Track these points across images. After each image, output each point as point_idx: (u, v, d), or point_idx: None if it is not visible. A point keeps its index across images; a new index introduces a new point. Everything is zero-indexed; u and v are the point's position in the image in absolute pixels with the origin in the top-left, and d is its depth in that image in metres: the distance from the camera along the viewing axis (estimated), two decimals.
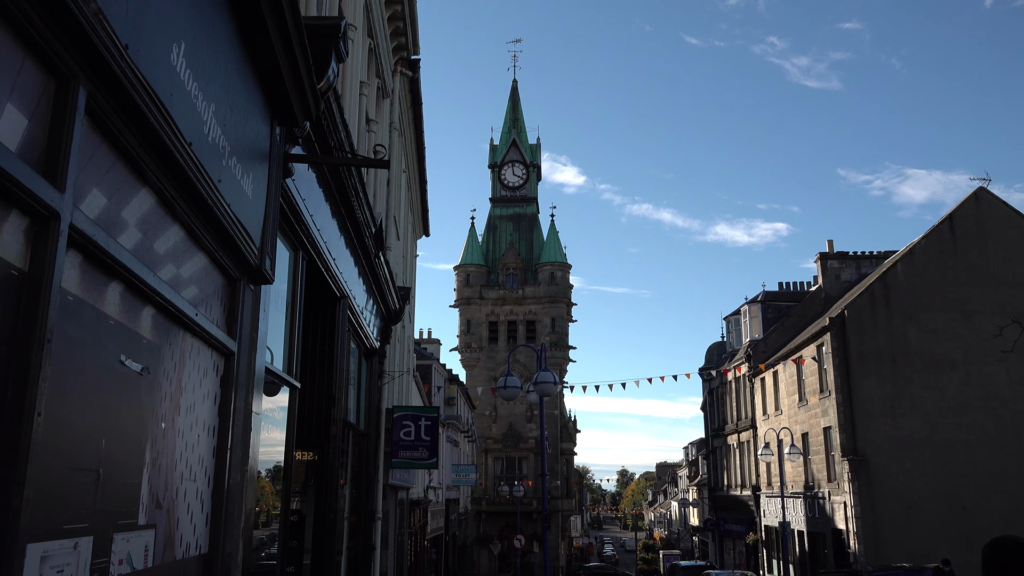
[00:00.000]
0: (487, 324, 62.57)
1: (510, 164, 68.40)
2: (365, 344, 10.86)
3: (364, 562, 10.77)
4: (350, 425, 9.86)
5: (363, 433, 10.99)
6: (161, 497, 2.96)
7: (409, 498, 19.94)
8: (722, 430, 45.17)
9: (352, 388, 10.36)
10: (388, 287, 10.91)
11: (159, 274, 2.96)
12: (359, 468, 10.89)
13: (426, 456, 11.49)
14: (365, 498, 10.96)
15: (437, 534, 31.97)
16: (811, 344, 31.23)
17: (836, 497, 28.92)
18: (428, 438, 11.53)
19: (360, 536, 10.77)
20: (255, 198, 3.95)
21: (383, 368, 11.76)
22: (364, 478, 10.98)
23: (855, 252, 40.34)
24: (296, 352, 6.28)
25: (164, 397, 3.00)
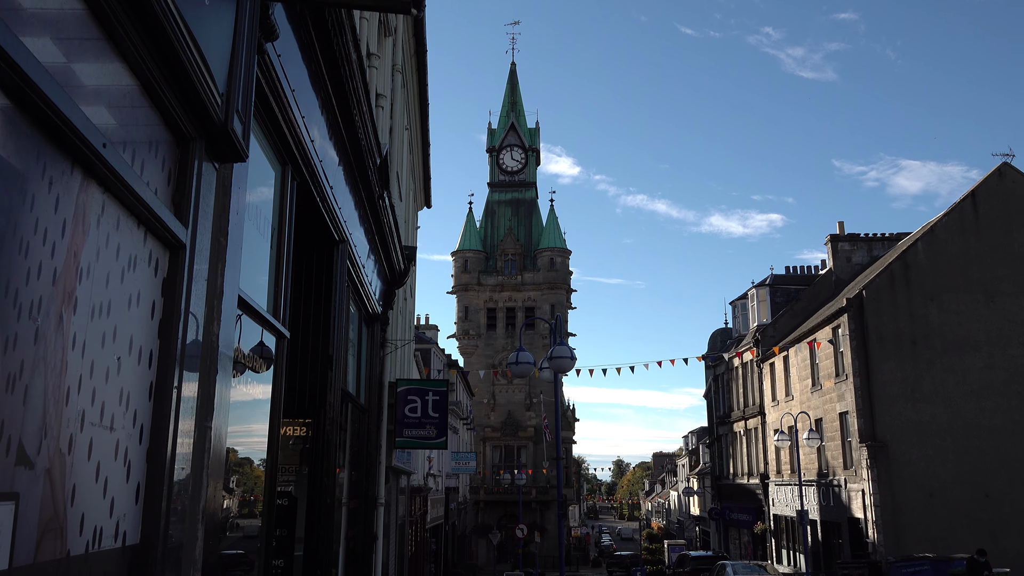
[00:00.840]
0: (485, 311, 61.39)
1: (508, 148, 67.09)
2: (366, 307, 9.57)
3: (364, 554, 9.52)
4: (349, 397, 8.58)
5: (363, 408, 9.72)
6: (32, 447, 1.68)
7: (411, 484, 18.69)
8: (728, 417, 44.03)
9: (352, 356, 9.09)
10: (392, 240, 9.62)
11: (39, 57, 1.69)
12: (359, 448, 9.62)
13: (434, 435, 10.23)
14: (366, 482, 9.70)
15: (437, 523, 30.78)
16: (826, 327, 30.03)
17: (853, 485, 27.77)
18: (436, 415, 10.27)
19: (360, 524, 9.51)
20: (219, 18, 2.66)
21: (385, 336, 10.47)
22: (365, 459, 9.72)
23: (866, 234, 39.17)
24: (285, 294, 4.99)
25: (37, 270, 1.73)
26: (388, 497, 12.98)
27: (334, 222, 6.47)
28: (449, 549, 39.63)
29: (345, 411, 8.89)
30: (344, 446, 9.08)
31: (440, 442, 10.29)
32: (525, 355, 14.17)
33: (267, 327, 4.61)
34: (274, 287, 4.87)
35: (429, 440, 10.21)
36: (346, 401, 8.76)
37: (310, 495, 6.39)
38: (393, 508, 14.37)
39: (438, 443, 10.28)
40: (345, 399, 8.56)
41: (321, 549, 6.33)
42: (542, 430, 56.42)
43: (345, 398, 8.49)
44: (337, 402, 6.73)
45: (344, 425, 8.56)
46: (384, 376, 10.37)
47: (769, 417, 37.73)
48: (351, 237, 7.14)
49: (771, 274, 42.36)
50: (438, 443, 10.28)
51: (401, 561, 16.69)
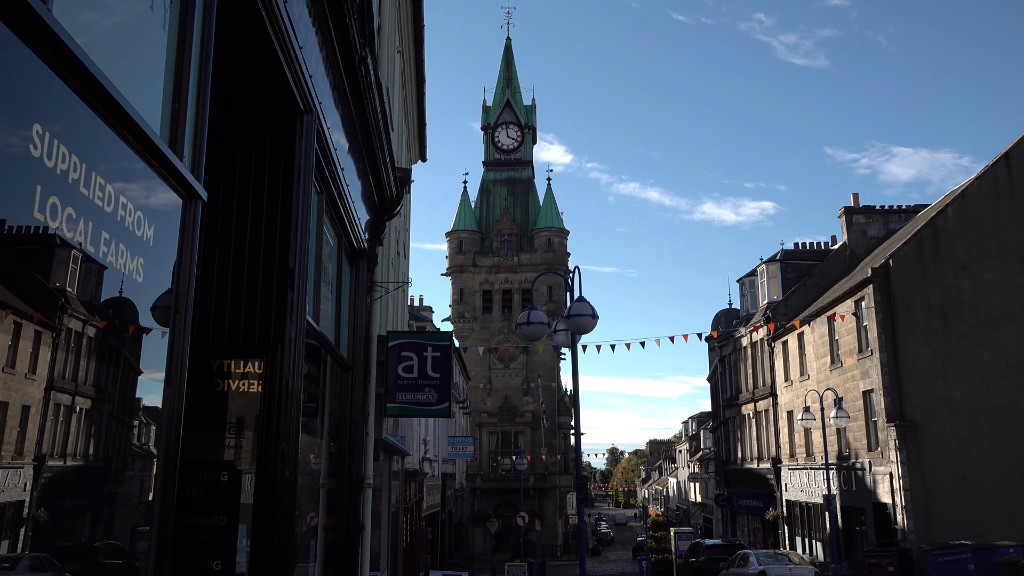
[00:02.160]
0: (481, 293, 59.56)
1: (504, 126, 65.06)
2: (348, 237, 7.59)
3: (349, 546, 7.56)
4: (327, 346, 6.61)
5: (346, 366, 7.74)
6: None
7: (405, 468, 16.74)
8: (735, 399, 42.19)
9: (329, 295, 7.10)
10: (379, 144, 7.61)
11: None
12: (341, 414, 7.65)
13: (434, 399, 8.24)
14: (350, 457, 7.73)
15: (433, 511, 28.88)
16: (848, 299, 28.13)
17: (879, 468, 25.95)
18: (437, 375, 8.29)
19: (343, 510, 7.55)
20: None
21: (374, 279, 8.47)
22: (348, 429, 7.75)
23: (882, 206, 37.32)
24: (198, 128, 2.99)
25: None
26: (378, 479, 11.01)
27: (295, 76, 4.46)
28: (446, 538, 37.77)
29: (323, 366, 6.93)
30: (322, 412, 7.13)
31: (442, 408, 8.31)
32: (537, 314, 12.18)
33: (154, 161, 2.61)
34: (176, 109, 2.87)
35: (428, 406, 8.23)
36: (324, 352, 6.80)
37: (259, 468, 4.41)
38: (385, 493, 12.42)
39: (439, 410, 8.29)
40: (322, 348, 6.59)
41: (276, 541, 4.36)
42: (540, 416, 54.61)
43: (322, 346, 6.52)
44: (300, 338, 4.73)
45: (319, 377, 6.59)
46: (372, 328, 8.38)
47: (781, 398, 35.90)
48: (321, 110, 5.12)
49: (781, 249, 40.45)
50: (439, 410, 8.29)
51: (395, 552, 14.76)
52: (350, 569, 7.55)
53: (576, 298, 11.76)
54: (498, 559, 42.23)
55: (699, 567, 25.63)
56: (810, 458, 32.17)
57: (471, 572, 26.33)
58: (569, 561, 55.32)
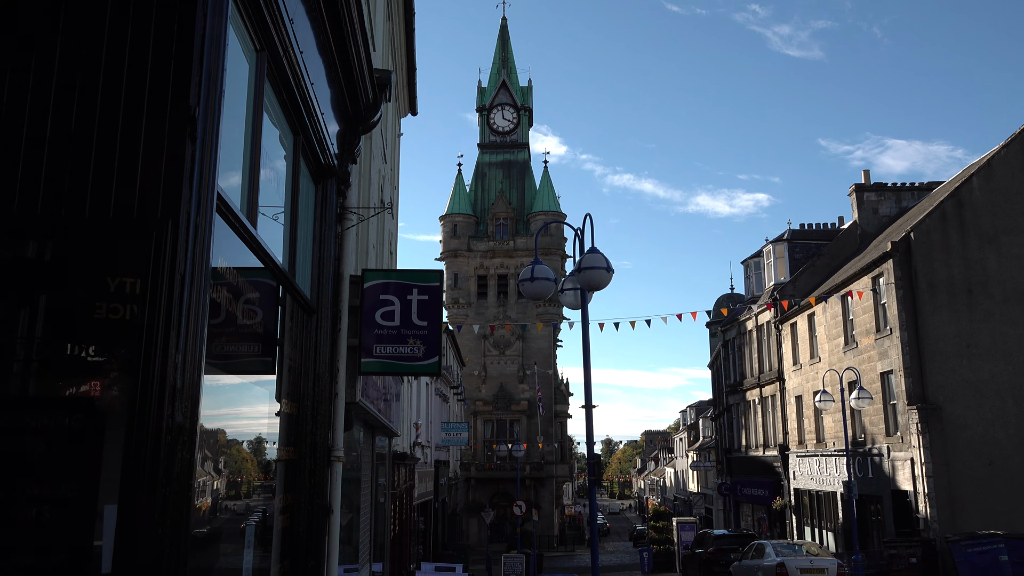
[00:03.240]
0: (475, 278, 58.05)
1: (500, 107, 63.37)
2: (311, 149, 5.98)
3: (311, 534, 5.96)
4: (278, 274, 5.00)
5: (309, 307, 6.13)
6: None
7: (393, 449, 15.14)
8: (739, 385, 40.70)
9: (282, 216, 5.50)
10: (352, 39, 5.98)
11: None
12: (303, 368, 6.05)
13: (421, 353, 6.58)
14: (313, 422, 6.12)
15: (425, 499, 27.31)
16: (865, 276, 26.58)
17: (898, 453, 24.46)
18: (424, 323, 6.63)
19: (304, 488, 5.95)
20: None
21: (346, 204, 6.84)
22: (312, 386, 6.14)
23: (894, 184, 35.79)
24: None
25: None
26: (353, 454, 9.39)
27: None
28: (439, 528, 36.24)
29: (277, 305, 5.34)
30: (279, 364, 5.55)
31: (430, 364, 6.66)
32: (543, 269, 10.57)
33: None
34: None
35: (414, 361, 6.58)
36: (279, 285, 5.19)
37: (130, 412, 2.80)
38: (368, 475, 10.82)
39: (426, 366, 6.64)
40: (275, 278, 4.98)
41: (157, 526, 2.74)
42: (536, 403, 53.15)
43: (273, 274, 4.90)
44: (207, 217, 3.11)
45: (272, 323, 4.99)
46: (344, 264, 6.75)
47: (789, 383, 34.42)
48: None
49: (788, 229, 38.88)
50: (426, 366, 6.64)
51: (380, 542, 13.18)
52: (312, 563, 5.95)
53: (588, 249, 10.16)
54: (493, 550, 40.77)
55: (707, 558, 24.15)
56: (821, 444, 30.70)
57: (465, 564, 24.79)
58: (565, 552, 53.95)
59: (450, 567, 18.88)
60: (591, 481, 10.39)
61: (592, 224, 10.65)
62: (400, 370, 6.68)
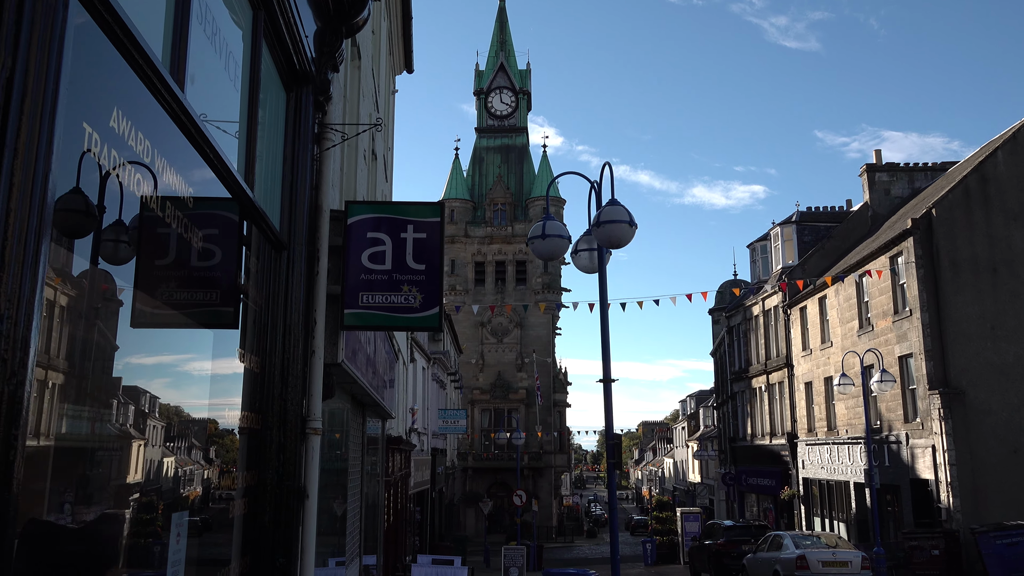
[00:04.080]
0: (473, 264, 56.84)
1: (497, 91, 61.96)
2: (285, 50, 4.74)
3: (279, 524, 4.74)
4: (236, 192, 3.78)
5: (278, 242, 4.90)
6: None
7: (388, 433, 13.92)
8: (745, 372, 39.53)
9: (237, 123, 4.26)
10: None
11: None
12: (270, 315, 4.82)
13: (417, 303, 5.31)
14: (283, 384, 4.90)
15: (422, 488, 26.13)
16: (882, 256, 25.38)
17: (918, 440, 23.33)
18: (421, 267, 5.37)
19: (270, 466, 4.73)
20: None
21: (326, 119, 5.60)
22: (282, 340, 4.91)
23: (906, 164, 34.61)
24: None
25: None
26: (345, 437, 8.16)
27: None
28: (436, 519, 35.09)
29: (238, 234, 4.14)
30: (240, 309, 4.35)
31: (428, 317, 5.41)
32: (555, 224, 9.36)
33: None
34: None
35: (409, 312, 5.32)
36: (241, 211, 3.98)
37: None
38: (359, 458, 9.60)
39: (424, 318, 5.39)
40: (235, 200, 3.76)
41: None
42: (535, 392, 52.00)
43: (230, 193, 3.69)
44: None
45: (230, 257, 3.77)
46: (322, 194, 5.51)
47: (798, 369, 33.27)
48: None
49: (797, 211, 37.66)
50: (424, 318, 5.39)
51: (373, 532, 11.98)
52: (281, 561, 4.73)
53: (607, 201, 8.94)
54: (491, 541, 39.69)
55: (718, 550, 23.03)
56: (833, 432, 29.57)
57: (464, 556, 23.61)
58: (564, 543, 52.91)
59: (448, 559, 17.67)
60: (610, 465, 9.21)
61: (612, 174, 9.42)
62: (392, 323, 5.45)
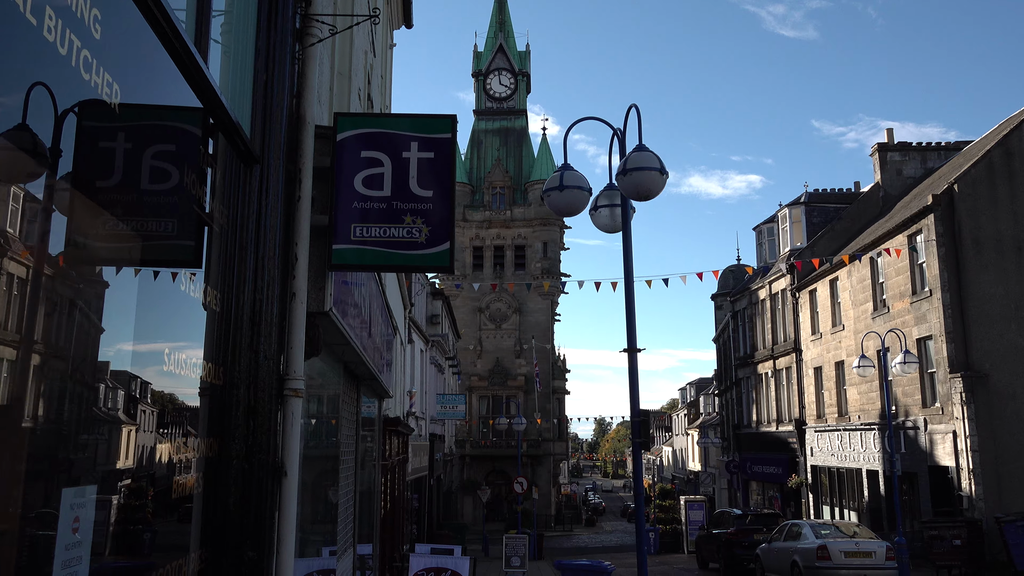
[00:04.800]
0: (471, 249, 55.80)
1: (496, 72, 60.71)
2: None
3: (248, 507, 3.69)
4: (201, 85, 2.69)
5: (249, 154, 3.83)
6: None
7: (384, 414, 12.91)
8: (750, 358, 38.59)
9: None
10: None
11: None
12: (238, 244, 3.75)
13: (423, 238, 4.26)
14: (253, 330, 3.84)
15: (420, 475, 25.17)
16: (899, 234, 24.38)
17: (937, 426, 22.39)
18: (428, 192, 4.31)
19: (237, 434, 3.68)
20: None
21: (310, 9, 4.52)
22: (253, 277, 3.85)
23: (919, 143, 33.58)
24: None
25: None
26: (336, 408, 7.12)
27: None
28: (435, 507, 34.17)
29: (204, 136, 3.10)
30: (199, 237, 3.31)
31: (437, 254, 4.34)
32: (574, 174, 8.33)
33: None
34: None
35: (413, 249, 4.26)
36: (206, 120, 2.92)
37: None
38: (352, 435, 8.58)
39: (432, 256, 4.32)
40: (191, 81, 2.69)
41: None
42: (533, 379, 51.04)
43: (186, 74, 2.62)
44: None
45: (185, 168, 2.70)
46: (304, 103, 4.44)
47: (807, 354, 32.32)
48: None
49: (806, 192, 36.62)
50: (432, 256, 4.32)
51: (367, 519, 10.97)
52: (251, 554, 3.70)
53: (635, 147, 7.90)
54: (489, 529, 38.81)
55: (729, 540, 22.10)
56: (844, 418, 28.64)
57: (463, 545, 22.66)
58: (563, 532, 52.11)
59: (448, 549, 16.72)
60: (636, 445, 8.21)
61: (640, 117, 8.37)
62: (392, 261, 4.39)
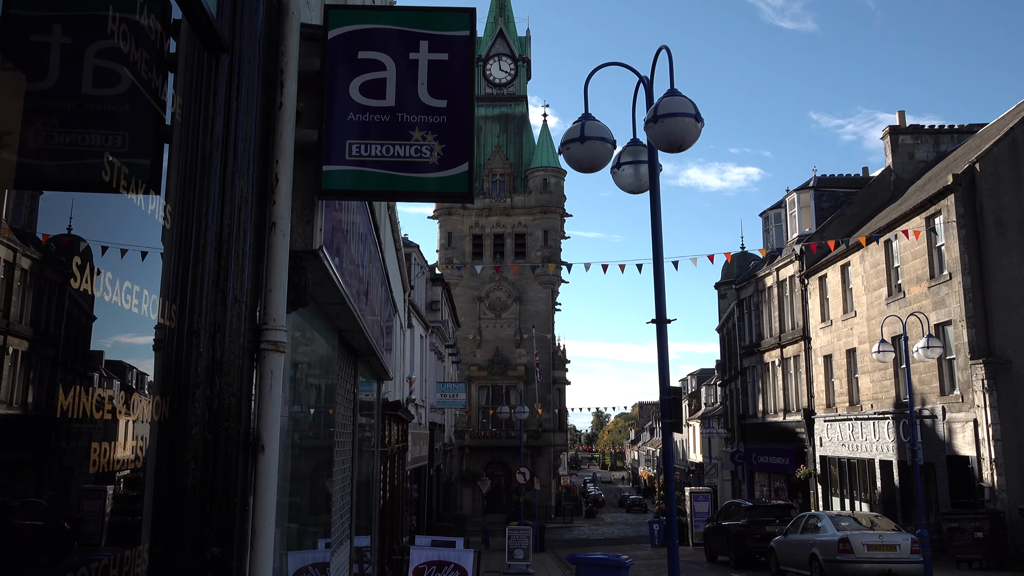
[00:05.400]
0: (471, 237, 54.93)
1: (496, 58, 59.63)
2: None
3: (213, 490, 2.81)
4: None
5: (215, 40, 2.92)
6: None
7: (384, 397, 12.05)
8: (756, 347, 37.78)
9: None
10: None
11: None
12: (203, 154, 2.86)
13: (434, 157, 3.44)
14: (220, 267, 2.95)
15: (419, 464, 24.35)
16: (916, 216, 23.53)
17: (956, 415, 21.60)
18: (441, 102, 3.48)
19: (197, 395, 2.79)
20: None
21: None
22: (220, 197, 2.96)
23: (931, 126, 32.73)
24: None
25: None
26: (332, 382, 6.24)
27: None
28: (435, 498, 33.37)
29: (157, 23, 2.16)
30: (159, 144, 2.39)
31: (452, 178, 3.49)
32: (596, 124, 7.42)
33: None
34: None
35: (422, 170, 3.42)
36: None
37: None
38: (348, 415, 7.73)
39: (446, 180, 3.47)
40: None
41: None
42: (534, 369, 50.22)
43: None
44: None
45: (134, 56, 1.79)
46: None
47: (816, 342, 31.51)
48: None
49: (814, 176, 35.73)
50: (446, 180, 3.47)
51: (365, 509, 10.13)
52: (215, 551, 2.84)
53: (666, 92, 7.02)
54: (489, 521, 38.07)
55: (740, 532, 21.34)
56: (855, 407, 27.85)
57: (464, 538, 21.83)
58: (564, 524, 51.41)
59: (449, 541, 15.95)
60: (666, 426, 7.34)
61: (671, 60, 7.47)
62: (398, 187, 3.52)
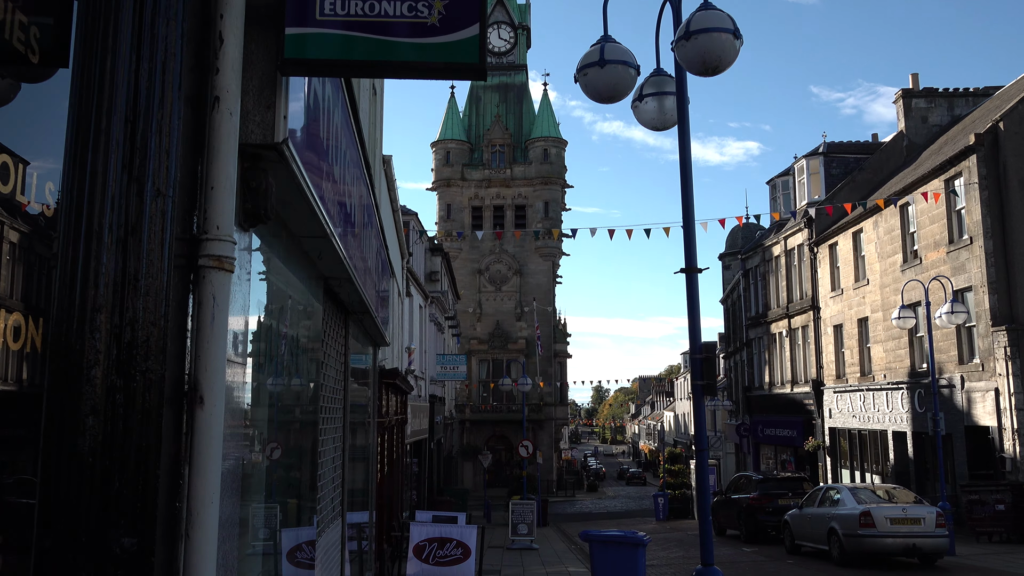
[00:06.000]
0: (470, 209, 53.88)
1: (495, 26, 58.15)
2: None
3: (123, 456, 1.92)
4: None
5: None
6: None
7: (380, 365, 11.21)
8: (763, 317, 36.98)
9: None
10: None
11: None
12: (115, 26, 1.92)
13: (434, 15, 2.65)
14: (129, 144, 2.05)
15: (419, 438, 23.61)
16: (935, 179, 22.60)
17: (975, 384, 20.82)
18: None
19: (98, 326, 1.88)
20: None
21: None
22: (134, 50, 2.04)
23: (946, 89, 31.64)
24: None
25: None
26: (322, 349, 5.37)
27: None
28: (435, 472, 32.73)
29: None
30: None
31: (458, 44, 2.60)
32: (616, 47, 6.51)
33: None
34: None
35: (419, 35, 2.59)
36: None
37: None
38: (339, 384, 6.88)
39: (450, 47, 2.64)
40: None
41: None
42: (534, 342, 49.45)
43: None
44: None
45: None
46: None
47: (826, 311, 30.69)
48: None
49: (824, 142, 34.69)
50: (450, 47, 2.64)
51: (361, 483, 9.34)
52: (125, 542, 1.98)
53: (700, 5, 6.08)
54: (491, 495, 37.53)
55: (751, 505, 20.68)
56: (867, 378, 27.09)
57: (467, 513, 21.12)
58: (565, 497, 51.04)
59: (451, 516, 15.18)
60: (697, 388, 6.51)
61: None
62: (387, 56, 2.60)
